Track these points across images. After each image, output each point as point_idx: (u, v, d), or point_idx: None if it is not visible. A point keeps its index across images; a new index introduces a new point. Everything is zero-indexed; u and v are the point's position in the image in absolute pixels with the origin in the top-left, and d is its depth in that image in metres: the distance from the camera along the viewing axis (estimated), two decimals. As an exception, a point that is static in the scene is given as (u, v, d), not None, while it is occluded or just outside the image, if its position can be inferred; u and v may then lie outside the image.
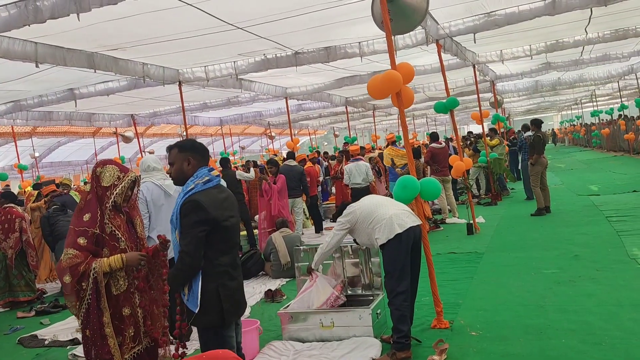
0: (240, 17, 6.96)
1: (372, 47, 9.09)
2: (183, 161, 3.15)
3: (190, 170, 3.13)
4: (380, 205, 4.50)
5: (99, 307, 3.11)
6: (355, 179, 10.07)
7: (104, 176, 3.26)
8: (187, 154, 3.16)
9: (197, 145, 3.25)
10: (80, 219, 3.19)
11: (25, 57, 6.84)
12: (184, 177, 3.14)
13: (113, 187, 3.25)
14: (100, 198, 3.23)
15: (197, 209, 2.95)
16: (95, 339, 3.10)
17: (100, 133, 19.91)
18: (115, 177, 3.27)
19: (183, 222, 2.98)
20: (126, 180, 3.30)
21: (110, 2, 5.26)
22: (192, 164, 3.14)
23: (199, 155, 3.17)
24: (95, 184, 3.27)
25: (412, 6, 5.16)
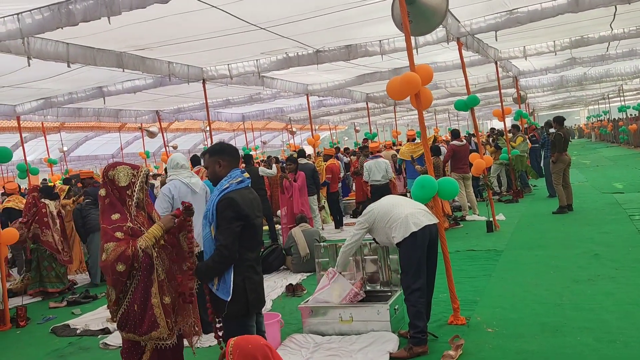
0: (262, 17, 7.13)
1: (393, 45, 9.18)
2: (215, 164, 3.41)
3: (222, 172, 3.39)
4: (397, 204, 4.64)
5: (150, 279, 3.14)
6: (374, 176, 10.17)
7: (119, 177, 3.28)
8: (217, 157, 3.42)
9: (226, 147, 3.49)
10: (110, 219, 3.22)
11: (57, 57, 7.12)
12: (217, 178, 3.40)
13: (132, 185, 3.29)
14: (121, 199, 3.26)
15: (233, 206, 3.20)
16: (142, 310, 3.13)
17: (125, 128, 20.35)
18: (130, 175, 3.30)
19: (220, 217, 3.22)
20: (142, 175, 3.34)
21: (140, 5, 5.47)
22: (223, 166, 3.40)
23: (228, 156, 3.43)
24: (111, 187, 3.28)
25: (432, 8, 5.25)
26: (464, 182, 10.58)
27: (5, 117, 12.24)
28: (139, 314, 3.13)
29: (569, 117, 71.55)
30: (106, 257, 3.09)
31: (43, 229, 7.85)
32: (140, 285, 3.14)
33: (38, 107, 11.59)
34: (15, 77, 8.67)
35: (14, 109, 11.66)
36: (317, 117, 23.54)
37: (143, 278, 3.13)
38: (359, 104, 19.53)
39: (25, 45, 6.51)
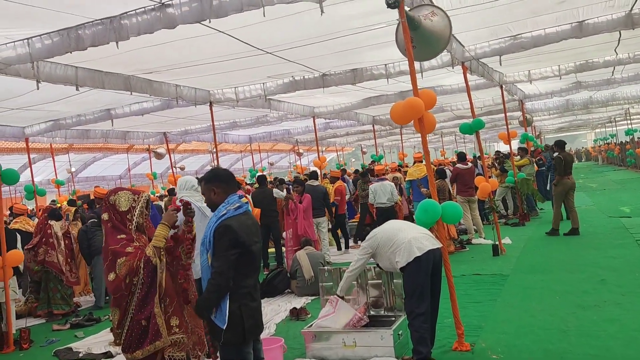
0: (269, 42, 7.24)
1: (399, 69, 9.27)
2: (210, 192, 3.44)
3: (217, 199, 3.40)
4: (401, 229, 4.65)
5: (151, 290, 3.23)
6: (380, 198, 10.18)
7: (119, 202, 3.38)
8: (211, 185, 3.43)
9: (221, 174, 3.51)
10: (116, 239, 3.29)
11: (66, 80, 7.25)
12: (213, 205, 3.43)
13: (132, 210, 3.38)
14: (122, 222, 3.35)
15: (230, 233, 3.19)
16: (147, 323, 3.21)
17: (133, 149, 20.48)
18: (131, 200, 3.40)
19: (216, 245, 3.22)
20: (142, 201, 3.43)
21: (147, 31, 5.59)
22: (218, 193, 3.41)
23: (223, 183, 3.43)
24: (112, 212, 3.38)
25: (436, 34, 5.30)
26: (470, 205, 10.56)
27: (15, 139, 12.38)
28: (144, 328, 3.21)
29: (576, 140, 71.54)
30: (117, 273, 3.17)
31: (48, 250, 7.88)
32: (141, 296, 3.21)
33: (47, 129, 11.73)
34: (24, 99, 8.81)
35: (23, 131, 11.82)
36: (324, 139, 23.64)
37: (144, 289, 3.21)
38: (366, 127, 19.62)
39: (35, 69, 6.64)
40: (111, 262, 3.24)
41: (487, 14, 7.10)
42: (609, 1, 7.32)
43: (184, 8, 5.35)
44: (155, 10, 5.43)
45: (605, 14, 7.75)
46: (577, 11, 7.58)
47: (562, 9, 7.36)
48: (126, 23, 5.59)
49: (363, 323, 4.94)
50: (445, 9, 5.72)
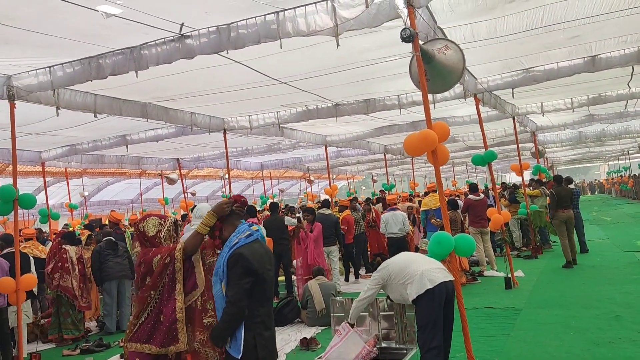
0: (283, 72, 7.38)
1: (411, 99, 9.37)
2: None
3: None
4: (413, 261, 4.66)
5: (173, 292, 3.41)
6: (391, 228, 10.16)
7: (147, 228, 3.56)
8: None
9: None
10: (150, 257, 3.49)
11: (85, 107, 7.40)
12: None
13: (160, 232, 3.54)
14: (152, 246, 3.55)
15: (243, 261, 3.21)
16: (166, 322, 3.35)
17: (146, 174, 20.69)
18: (157, 225, 3.57)
19: (230, 274, 3.22)
20: (169, 223, 3.60)
21: (166, 61, 5.73)
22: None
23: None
24: (142, 239, 3.57)
25: (449, 67, 5.37)
26: (482, 237, 10.50)
27: (31, 163, 12.57)
28: (162, 325, 3.33)
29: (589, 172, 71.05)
30: (154, 269, 3.38)
31: (63, 275, 7.93)
32: (165, 291, 3.35)
33: (63, 154, 11.91)
34: (42, 125, 8.98)
35: (40, 155, 11.99)
36: (335, 166, 23.73)
37: (167, 284, 3.35)
38: (377, 155, 19.70)
39: (55, 97, 6.79)
40: (146, 262, 3.43)
41: (499, 47, 7.20)
42: (622, 37, 7.39)
43: (203, 39, 5.48)
44: (175, 41, 5.57)
45: (617, 49, 7.83)
46: (590, 46, 7.66)
47: (574, 43, 7.45)
48: (146, 53, 5.74)
49: (372, 356, 4.90)
50: (459, 42, 5.81)
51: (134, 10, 4.90)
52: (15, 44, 5.47)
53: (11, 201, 6.21)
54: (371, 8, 5.00)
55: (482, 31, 6.53)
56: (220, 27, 5.40)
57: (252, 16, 5.26)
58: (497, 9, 5.94)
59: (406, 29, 4.72)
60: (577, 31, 6.90)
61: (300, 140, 13.34)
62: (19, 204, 6.30)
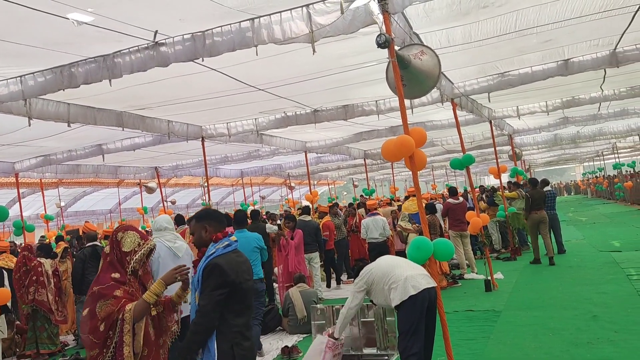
0: (261, 79, 7.33)
1: (389, 105, 9.38)
2: (201, 229, 3.39)
3: (207, 237, 3.36)
4: (397, 266, 4.64)
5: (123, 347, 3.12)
6: (372, 233, 10.15)
7: (125, 241, 3.33)
8: (203, 223, 3.40)
9: (212, 213, 3.51)
10: (110, 277, 3.23)
11: (58, 117, 7.25)
12: (203, 244, 3.38)
13: (133, 253, 3.32)
14: (120, 261, 3.30)
15: (218, 272, 3.14)
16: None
17: (124, 183, 20.40)
18: (135, 244, 3.34)
19: (204, 283, 3.16)
20: (145, 248, 3.37)
21: (140, 69, 5.64)
22: (209, 231, 3.37)
23: (214, 222, 3.41)
24: (115, 248, 3.33)
25: (425, 72, 5.38)
26: (462, 240, 10.56)
27: (4, 174, 12.30)
28: None
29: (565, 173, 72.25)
30: (97, 313, 3.10)
31: (39, 288, 7.75)
32: (117, 352, 3.12)
33: (37, 165, 11.67)
34: (15, 135, 8.79)
35: (13, 166, 11.74)
36: (316, 172, 23.70)
37: (119, 345, 3.12)
38: (357, 160, 19.71)
39: (27, 106, 6.64)
40: (93, 299, 3.16)
41: (475, 52, 7.26)
42: (594, 40, 7.52)
43: (177, 47, 5.41)
44: (149, 48, 5.49)
45: (590, 52, 7.95)
46: (563, 50, 7.77)
47: (547, 47, 7.54)
48: (119, 61, 5.65)
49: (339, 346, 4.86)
50: (435, 47, 5.85)
51: (106, 18, 4.82)
52: (-16, 53, 5.34)
53: (-18, 214, 6.05)
54: (347, 14, 5.00)
55: (457, 36, 6.58)
56: (195, 35, 5.34)
57: (227, 23, 5.22)
58: (471, 14, 5.98)
59: (382, 35, 4.72)
60: (550, 35, 6.99)
61: (279, 147, 13.28)
62: (-9, 217, 6.14)
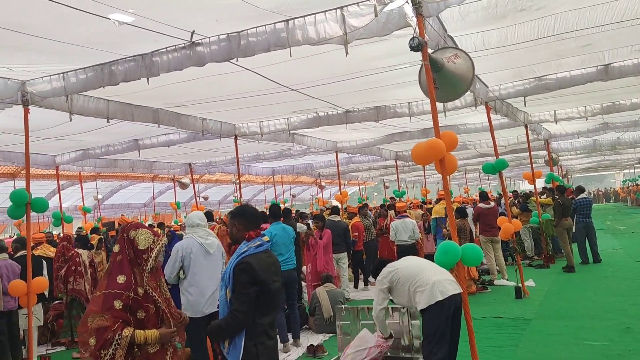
0: (294, 79, 7.40)
1: (422, 108, 9.33)
2: (232, 226, 3.51)
3: (237, 234, 3.45)
4: (424, 269, 4.64)
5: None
6: (401, 235, 10.12)
7: (139, 239, 3.31)
8: (235, 220, 3.50)
9: (247, 211, 3.57)
10: (115, 282, 3.22)
11: (97, 113, 7.49)
12: (234, 240, 3.49)
13: (150, 251, 3.32)
14: (133, 260, 3.30)
15: (249, 271, 3.22)
16: None
17: (158, 178, 20.84)
18: (150, 241, 3.33)
19: (236, 282, 3.25)
20: (160, 244, 3.38)
21: (177, 68, 5.78)
22: (238, 229, 3.46)
23: (244, 220, 3.49)
24: (128, 246, 3.31)
25: (458, 76, 5.35)
26: (493, 246, 10.43)
27: (45, 167, 12.73)
28: None
29: (604, 180, 70.24)
30: (91, 325, 3.09)
31: (77, 278, 8.02)
32: None
33: (76, 158, 12.05)
34: (56, 130, 9.09)
35: (54, 159, 12.16)
36: (346, 172, 23.73)
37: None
38: (388, 162, 19.67)
39: (69, 102, 6.88)
40: (105, 304, 3.17)
41: (511, 55, 7.16)
42: (635, 45, 7.33)
43: (213, 47, 5.52)
44: (186, 48, 5.62)
45: (631, 57, 7.76)
46: (603, 54, 7.60)
47: (586, 52, 7.39)
48: (157, 60, 5.79)
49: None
50: (469, 51, 5.82)
51: (145, 19, 4.96)
52: (29, 50, 5.54)
53: (24, 205, 6.29)
54: (380, 17, 5.01)
55: (492, 39, 6.51)
56: (230, 35, 5.43)
57: (262, 24, 5.30)
58: (507, 17, 5.91)
59: (415, 38, 4.72)
60: (590, 39, 6.84)
61: (311, 146, 13.37)
62: (32, 208, 6.37)
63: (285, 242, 6.91)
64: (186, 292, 5.16)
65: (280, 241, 6.79)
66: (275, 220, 7.07)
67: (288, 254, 6.92)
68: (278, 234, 6.82)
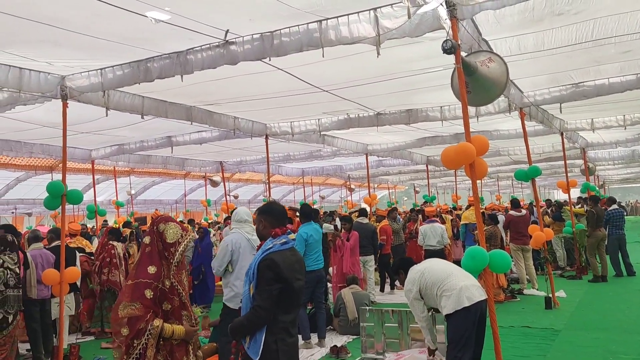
0: (326, 81, 7.43)
1: (454, 112, 9.25)
2: (258, 223, 3.54)
3: (263, 230, 3.48)
4: (451, 274, 4.60)
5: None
6: (429, 240, 10.04)
7: (168, 233, 3.39)
8: (261, 217, 3.53)
9: (273, 208, 3.61)
10: (146, 271, 3.31)
11: (133, 109, 7.66)
12: (260, 236, 3.53)
13: (177, 244, 3.40)
14: (161, 253, 3.38)
15: (273, 268, 3.24)
16: None
17: (190, 176, 21.14)
18: (178, 235, 3.42)
19: (260, 278, 3.27)
20: (188, 239, 3.46)
21: (211, 66, 5.88)
22: (264, 225, 3.49)
23: (271, 217, 3.50)
24: (157, 239, 3.39)
25: (492, 80, 5.28)
26: (524, 254, 10.24)
27: (82, 161, 13.07)
28: None
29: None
30: (121, 313, 3.20)
31: (112, 269, 8.20)
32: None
33: (112, 153, 12.34)
34: (92, 124, 9.32)
35: (90, 154, 12.47)
36: (376, 176, 23.63)
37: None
38: (419, 166, 19.51)
39: (105, 98, 7.05)
40: (136, 293, 3.27)
41: (547, 60, 7.03)
42: (678, 53, 7.10)
43: (247, 46, 5.60)
44: (220, 47, 5.71)
45: (673, 65, 7.52)
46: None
47: (626, 58, 7.19)
48: (191, 58, 5.90)
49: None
50: (504, 55, 5.73)
51: (181, 17, 5.05)
52: (69, 46, 5.71)
53: (59, 196, 6.48)
54: (414, 18, 4.99)
55: (529, 44, 6.41)
56: (263, 35, 5.49)
57: (296, 24, 5.34)
58: (544, 22, 5.81)
59: (448, 41, 4.69)
60: (630, 46, 6.66)
61: (341, 148, 13.38)
62: (67, 200, 6.56)
63: (317, 241, 7.04)
64: (232, 285, 5.26)
65: (313, 241, 6.94)
66: (307, 220, 7.15)
67: (318, 253, 7.00)
68: (313, 235, 6.99)
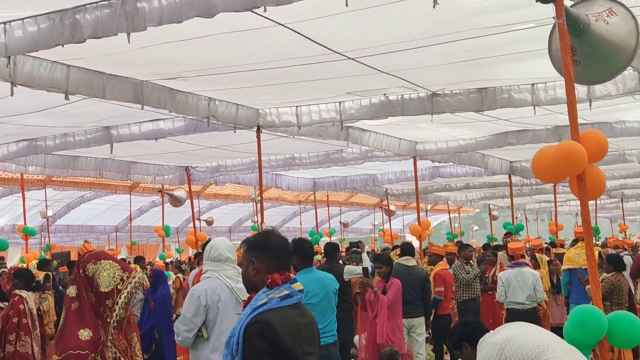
0: (351, 43, 7.45)
1: (553, 93, 9.22)
2: (248, 264, 3.48)
3: (255, 277, 3.44)
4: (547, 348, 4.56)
5: None
6: (515, 295, 10.01)
7: (100, 277, 3.45)
8: (252, 254, 3.49)
9: (273, 242, 3.55)
10: (76, 337, 3.36)
11: (52, 85, 7.71)
12: (250, 285, 3.49)
13: (116, 294, 3.45)
14: (95, 307, 3.43)
15: (268, 334, 3.21)
16: None
17: (139, 188, 21.23)
18: (117, 280, 3.47)
19: (247, 349, 3.24)
20: (132, 284, 3.52)
21: (173, 20, 5.91)
22: (258, 269, 3.44)
23: (268, 256, 3.46)
24: (86, 287, 3.45)
25: (613, 44, 5.28)
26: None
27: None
28: None
29: None
30: None
31: (21, 336, 8.14)
32: None
33: (18, 152, 12.43)
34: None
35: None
36: (430, 192, 23.62)
37: None
38: (498, 177, 19.48)
39: (10, 67, 7.10)
40: None
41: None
42: None
43: (229, -13, 5.65)
44: (187, -11, 5.77)
45: None
46: None
47: None
48: (144, 7, 5.93)
49: None
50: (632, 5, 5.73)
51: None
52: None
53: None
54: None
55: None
56: (256, -31, 5.55)
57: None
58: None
59: (544, -19, 4.72)
60: None
61: (374, 147, 13.39)
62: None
63: (319, 301, 6.92)
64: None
65: (314, 302, 6.76)
66: (306, 265, 7.07)
67: (326, 319, 6.91)
68: (312, 290, 6.80)
